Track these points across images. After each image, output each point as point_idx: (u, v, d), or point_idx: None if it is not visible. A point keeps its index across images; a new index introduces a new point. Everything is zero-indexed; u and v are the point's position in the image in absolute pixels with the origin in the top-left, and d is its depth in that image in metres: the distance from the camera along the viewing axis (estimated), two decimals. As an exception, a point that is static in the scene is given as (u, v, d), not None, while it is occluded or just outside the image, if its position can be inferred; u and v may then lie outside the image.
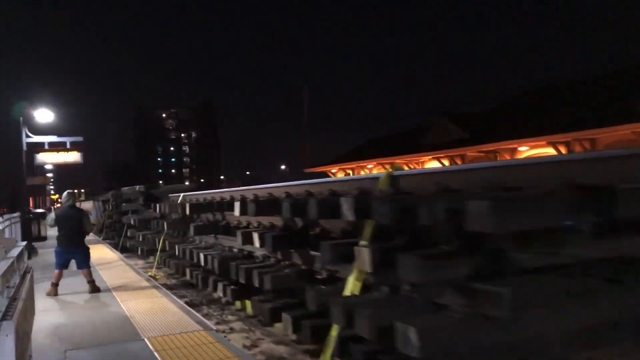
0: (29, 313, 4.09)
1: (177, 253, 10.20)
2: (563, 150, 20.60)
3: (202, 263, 8.43)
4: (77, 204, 10.19)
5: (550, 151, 21.27)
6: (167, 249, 11.38)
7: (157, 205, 11.74)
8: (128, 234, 16.77)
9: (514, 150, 23.47)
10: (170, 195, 13.17)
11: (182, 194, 11.44)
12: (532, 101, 25.69)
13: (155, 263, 11.94)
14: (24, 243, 8.03)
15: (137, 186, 16.77)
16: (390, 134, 38.62)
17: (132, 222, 15.89)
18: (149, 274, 10.95)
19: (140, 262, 13.98)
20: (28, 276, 4.61)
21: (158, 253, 11.76)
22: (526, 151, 22.98)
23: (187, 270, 9.72)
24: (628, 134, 18.03)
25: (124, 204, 18.58)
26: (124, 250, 16.58)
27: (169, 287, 9.85)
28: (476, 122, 27.50)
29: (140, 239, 14.33)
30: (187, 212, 9.10)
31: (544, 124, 21.26)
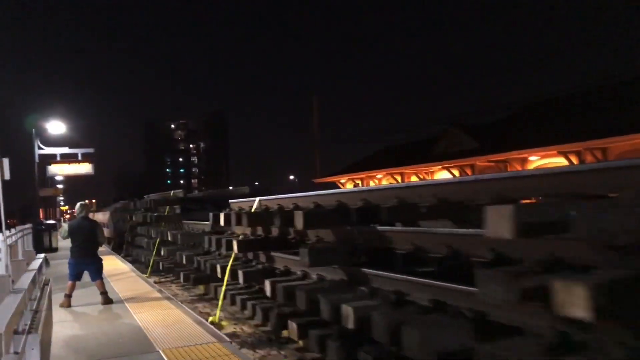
0: (49, 325, 4.12)
1: (268, 291, 6.22)
2: (574, 160, 20.51)
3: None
4: (91, 215, 10.05)
5: (561, 161, 21.19)
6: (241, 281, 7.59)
7: (225, 216, 7.51)
8: (162, 252, 12.86)
9: (524, 160, 23.40)
10: (230, 201, 9.72)
11: (257, 199, 8.35)
12: (544, 111, 25.63)
13: (220, 302, 8.24)
14: (42, 255, 8.07)
15: (173, 191, 14.12)
16: (401, 144, 38.61)
17: (168, 238, 12.08)
18: (210, 319, 7.85)
19: (181, 293, 11.04)
20: (47, 288, 4.64)
21: (224, 288, 7.97)
22: (537, 161, 22.90)
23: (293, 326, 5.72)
24: (639, 143, 17.94)
25: (150, 214, 14.70)
26: (155, 273, 13.36)
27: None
28: (488, 132, 27.46)
29: (183, 261, 10.35)
30: (301, 225, 5.40)
31: (555, 134, 21.20)
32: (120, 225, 21.40)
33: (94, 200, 59.77)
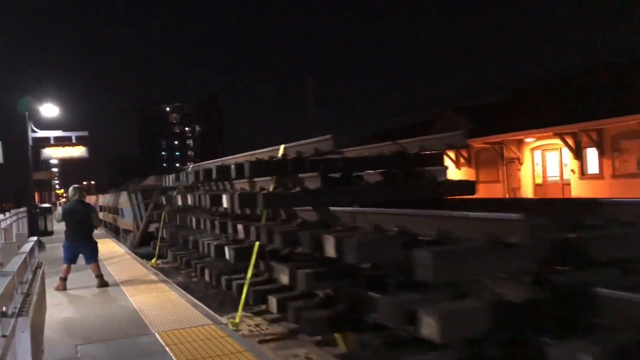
0: (42, 308, 4.09)
1: None
2: (570, 141, 20.49)
3: None
4: (92, 199, 10.02)
5: (557, 142, 21.17)
6: None
7: None
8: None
9: (520, 142, 23.37)
10: None
11: None
12: (540, 92, 25.54)
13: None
14: (35, 238, 8.04)
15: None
16: (396, 127, 38.48)
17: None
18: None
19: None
20: (39, 271, 4.61)
21: None
22: (532, 142, 22.87)
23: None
24: (634, 124, 17.91)
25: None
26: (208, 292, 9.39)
27: None
28: (483, 114, 27.35)
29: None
30: None
31: (551, 115, 21.14)
32: (142, 213, 15.61)
33: (92, 182, 58.88)
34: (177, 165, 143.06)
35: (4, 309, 2.55)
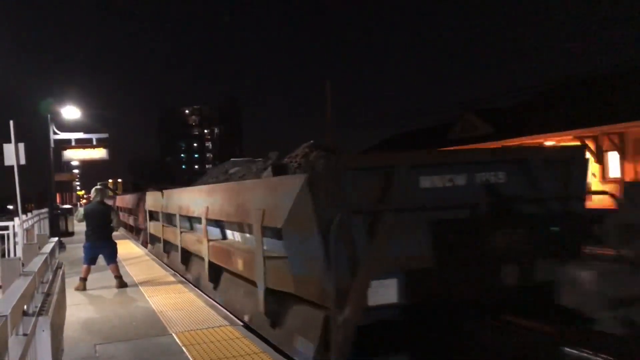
0: (62, 308, 4.15)
1: None
2: (591, 145, 20.24)
3: None
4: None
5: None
6: None
7: None
8: None
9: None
10: None
11: None
12: (560, 95, 25.28)
13: None
14: (56, 239, 8.16)
15: None
16: (415, 130, 38.35)
17: None
18: None
19: None
20: (60, 272, 4.68)
21: None
22: (552, 146, 22.66)
23: None
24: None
25: None
26: None
27: None
28: (503, 117, 27.16)
29: None
30: None
31: (572, 118, 20.92)
32: None
33: (119, 180, 58.43)
34: (196, 167, 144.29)
35: (25, 307, 2.60)
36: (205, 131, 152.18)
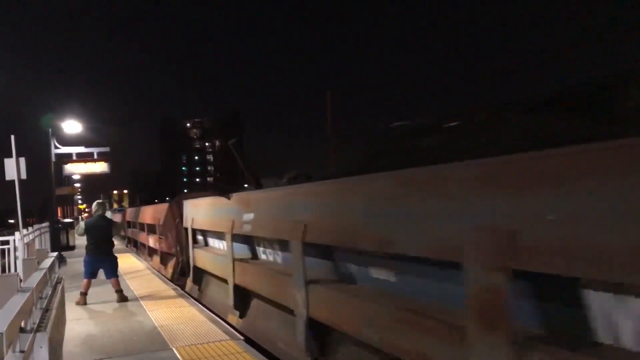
0: (61, 323, 4.13)
1: None
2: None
3: None
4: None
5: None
6: None
7: None
8: None
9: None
10: None
11: None
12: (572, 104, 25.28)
13: None
14: (55, 254, 8.14)
15: None
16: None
17: None
18: None
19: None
20: (59, 287, 4.65)
21: None
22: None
23: None
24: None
25: None
26: None
27: None
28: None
29: None
30: None
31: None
32: None
33: (125, 191, 58.08)
34: (197, 180, 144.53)
35: (22, 324, 2.58)
36: (207, 144, 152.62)
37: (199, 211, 8.87)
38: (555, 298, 2.68)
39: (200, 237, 9.09)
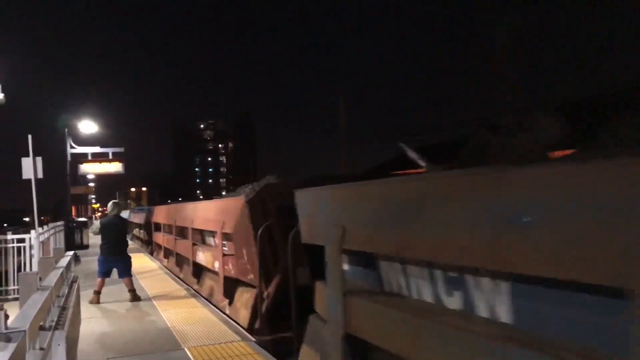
0: (77, 321, 4.19)
1: None
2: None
3: None
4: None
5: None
6: None
7: None
8: None
9: (554, 162, 23.03)
10: None
11: None
12: (578, 111, 25.15)
13: None
14: (72, 253, 8.24)
15: None
16: (428, 145, 38.28)
17: None
18: None
19: None
20: (75, 285, 4.73)
21: None
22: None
23: None
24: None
25: None
26: None
27: None
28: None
29: None
30: None
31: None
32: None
33: (143, 189, 57.34)
34: (210, 181, 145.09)
35: (42, 322, 2.65)
36: (220, 145, 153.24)
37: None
38: None
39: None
